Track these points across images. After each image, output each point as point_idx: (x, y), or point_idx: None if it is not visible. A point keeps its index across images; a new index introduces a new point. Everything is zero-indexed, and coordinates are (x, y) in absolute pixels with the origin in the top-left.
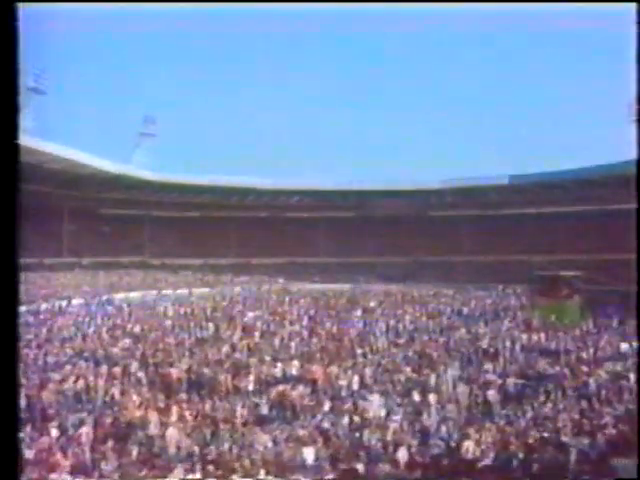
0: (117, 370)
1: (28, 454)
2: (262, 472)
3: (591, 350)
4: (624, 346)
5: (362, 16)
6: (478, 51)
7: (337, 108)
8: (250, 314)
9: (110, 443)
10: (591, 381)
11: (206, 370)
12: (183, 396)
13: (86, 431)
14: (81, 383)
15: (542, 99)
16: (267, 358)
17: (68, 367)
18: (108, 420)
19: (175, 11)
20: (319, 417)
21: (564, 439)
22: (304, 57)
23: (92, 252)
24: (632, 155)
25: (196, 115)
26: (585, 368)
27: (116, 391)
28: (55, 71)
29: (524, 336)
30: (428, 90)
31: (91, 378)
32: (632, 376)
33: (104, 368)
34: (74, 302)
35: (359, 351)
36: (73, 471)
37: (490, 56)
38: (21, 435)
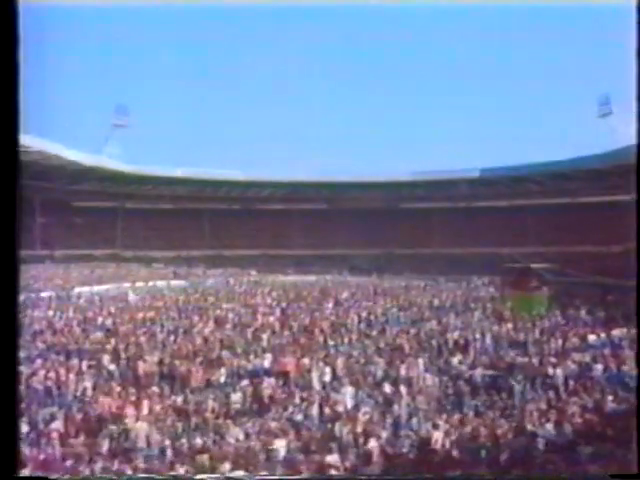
0: (88, 364)
1: None
2: (233, 466)
3: (559, 341)
4: (591, 337)
5: (334, 9)
6: (450, 44)
7: (309, 100)
8: (223, 306)
9: (82, 437)
10: (558, 372)
11: (178, 363)
12: (155, 389)
13: (57, 426)
14: (52, 377)
15: (513, 92)
16: (239, 350)
17: (39, 361)
18: (79, 414)
19: (147, 3)
20: (291, 409)
21: (532, 429)
22: (274, 47)
23: (64, 244)
24: (602, 149)
25: (168, 107)
26: (553, 359)
27: (88, 385)
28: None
29: (494, 327)
30: (399, 82)
31: (62, 372)
32: (599, 367)
33: (75, 362)
34: (45, 295)
35: (331, 343)
36: (44, 466)
37: (463, 50)
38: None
